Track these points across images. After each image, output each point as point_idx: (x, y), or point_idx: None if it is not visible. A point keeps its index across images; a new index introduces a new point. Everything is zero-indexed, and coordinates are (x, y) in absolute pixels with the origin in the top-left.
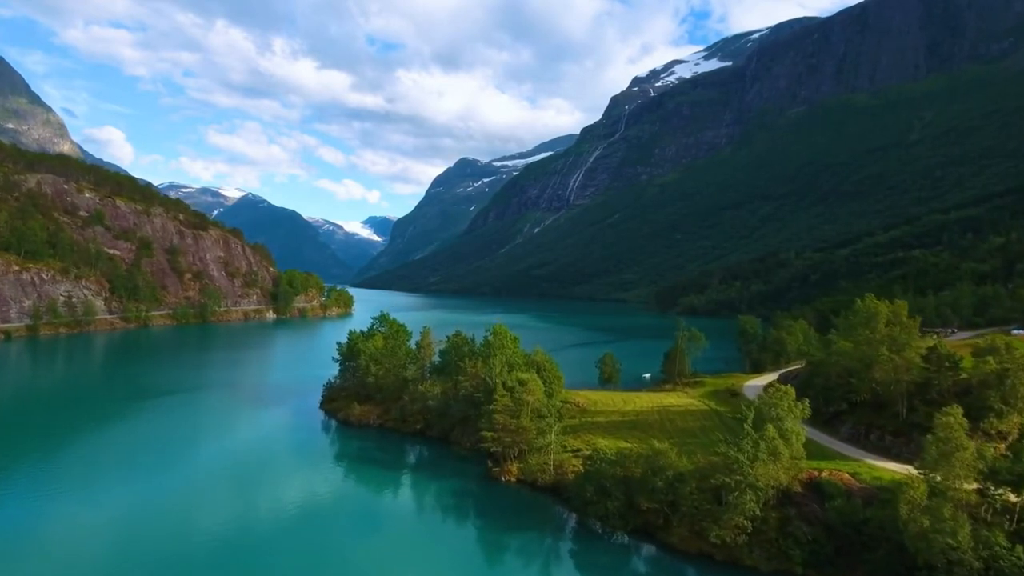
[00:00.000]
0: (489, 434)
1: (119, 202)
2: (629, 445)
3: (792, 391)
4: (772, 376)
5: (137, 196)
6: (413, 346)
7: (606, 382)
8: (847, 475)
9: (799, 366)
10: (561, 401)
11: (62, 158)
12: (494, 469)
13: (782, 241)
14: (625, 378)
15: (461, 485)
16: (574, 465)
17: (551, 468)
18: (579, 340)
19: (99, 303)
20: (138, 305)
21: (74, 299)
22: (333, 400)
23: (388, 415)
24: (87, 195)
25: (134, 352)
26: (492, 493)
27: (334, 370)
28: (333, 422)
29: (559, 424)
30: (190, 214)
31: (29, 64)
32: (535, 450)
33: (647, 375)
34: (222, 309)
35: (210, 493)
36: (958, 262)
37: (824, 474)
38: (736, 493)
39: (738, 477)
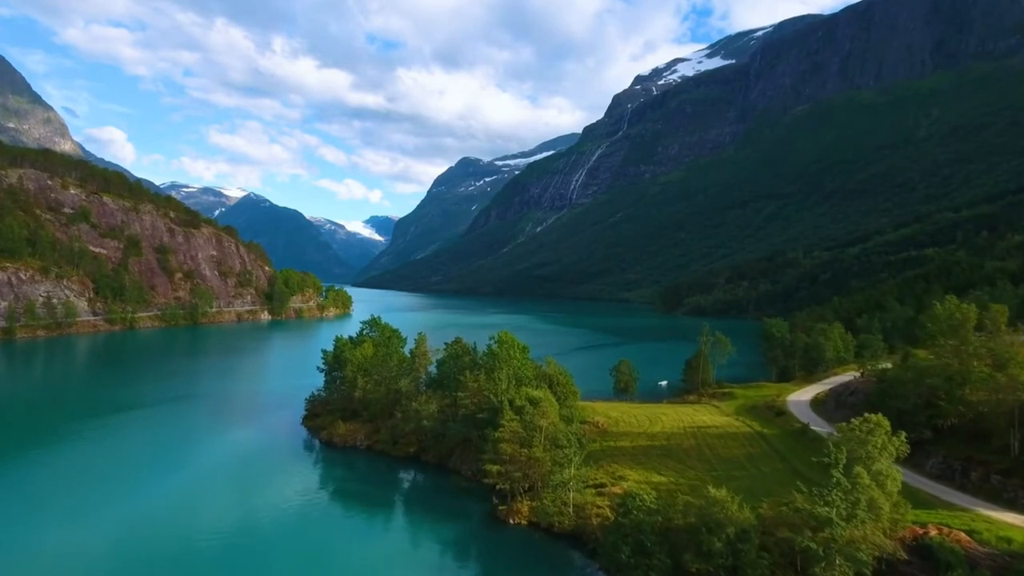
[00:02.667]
0: (494, 467)
1: (106, 199)
2: (664, 479)
3: (885, 422)
4: (816, 388)
5: (126, 193)
6: (408, 353)
7: (622, 392)
8: (963, 534)
9: (849, 376)
10: (579, 421)
11: (47, 153)
12: (500, 507)
13: (787, 240)
14: (640, 386)
15: (461, 528)
16: (598, 507)
17: (570, 510)
18: (585, 343)
19: (82, 304)
20: (124, 306)
21: (54, 300)
22: (316, 416)
23: (377, 435)
24: (72, 191)
25: (111, 357)
26: (498, 539)
27: (321, 379)
28: (316, 442)
29: (580, 455)
30: (182, 211)
31: (30, 64)
32: (551, 487)
33: (663, 382)
34: (214, 310)
35: (159, 534)
36: (980, 261)
37: (932, 532)
38: (823, 564)
39: (826, 536)
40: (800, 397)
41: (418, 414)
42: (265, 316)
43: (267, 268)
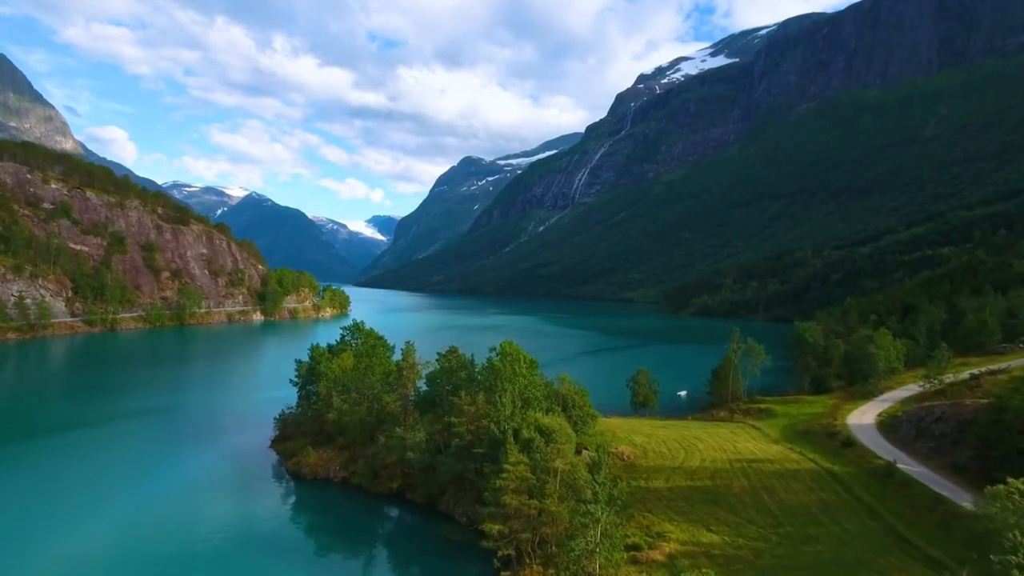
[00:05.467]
0: (494, 527)
1: (90, 194)
2: (717, 539)
3: None
4: (875, 407)
5: (111, 188)
6: (398, 363)
7: (640, 407)
8: None
9: (908, 391)
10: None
11: (27, 146)
12: (503, 574)
13: (793, 239)
14: (658, 397)
15: None
16: None
17: None
18: (591, 346)
19: (59, 304)
20: (105, 306)
21: (28, 300)
22: (286, 438)
23: (354, 466)
24: (53, 186)
25: (78, 363)
26: None
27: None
28: (284, 471)
29: (610, 512)
30: (170, 208)
31: (32, 63)
32: (572, 555)
33: (683, 393)
34: (203, 311)
35: None
36: (1008, 260)
37: None
38: None
39: None
40: (860, 419)
41: (402, 442)
42: (258, 317)
43: (260, 267)
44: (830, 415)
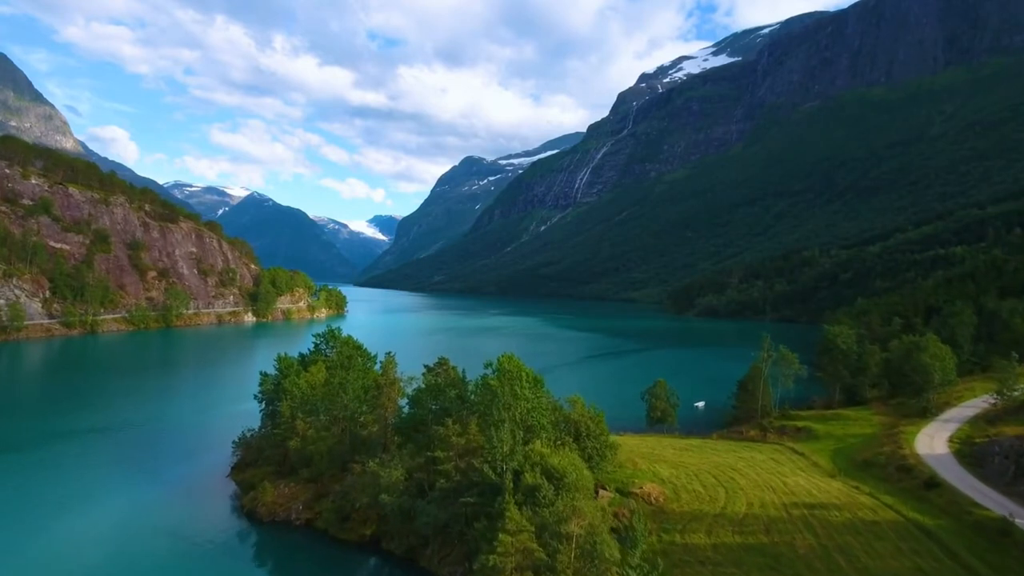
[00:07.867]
0: None
1: (72, 189)
2: None
3: None
4: (943, 429)
5: (95, 183)
6: (376, 379)
7: (658, 423)
8: None
9: (974, 407)
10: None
11: (6, 139)
12: None
13: (798, 239)
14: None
15: None
16: None
17: None
18: (595, 349)
19: (35, 305)
20: (85, 307)
21: (0, 301)
22: (248, 466)
23: (320, 505)
24: (33, 181)
25: (41, 370)
26: None
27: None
28: (241, 508)
29: None
30: (158, 204)
31: (33, 62)
32: None
33: (700, 404)
34: (191, 311)
35: None
36: None
37: None
38: None
39: None
40: (931, 447)
41: (376, 480)
42: (249, 318)
43: (253, 266)
44: (889, 439)
